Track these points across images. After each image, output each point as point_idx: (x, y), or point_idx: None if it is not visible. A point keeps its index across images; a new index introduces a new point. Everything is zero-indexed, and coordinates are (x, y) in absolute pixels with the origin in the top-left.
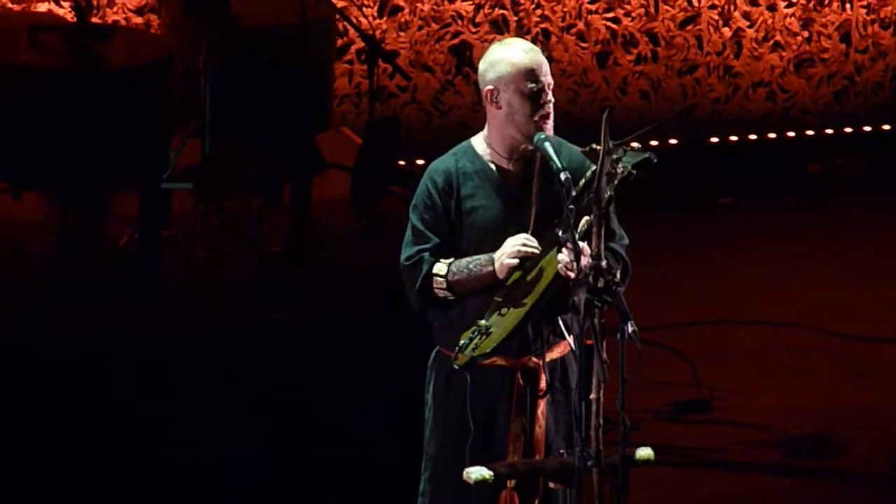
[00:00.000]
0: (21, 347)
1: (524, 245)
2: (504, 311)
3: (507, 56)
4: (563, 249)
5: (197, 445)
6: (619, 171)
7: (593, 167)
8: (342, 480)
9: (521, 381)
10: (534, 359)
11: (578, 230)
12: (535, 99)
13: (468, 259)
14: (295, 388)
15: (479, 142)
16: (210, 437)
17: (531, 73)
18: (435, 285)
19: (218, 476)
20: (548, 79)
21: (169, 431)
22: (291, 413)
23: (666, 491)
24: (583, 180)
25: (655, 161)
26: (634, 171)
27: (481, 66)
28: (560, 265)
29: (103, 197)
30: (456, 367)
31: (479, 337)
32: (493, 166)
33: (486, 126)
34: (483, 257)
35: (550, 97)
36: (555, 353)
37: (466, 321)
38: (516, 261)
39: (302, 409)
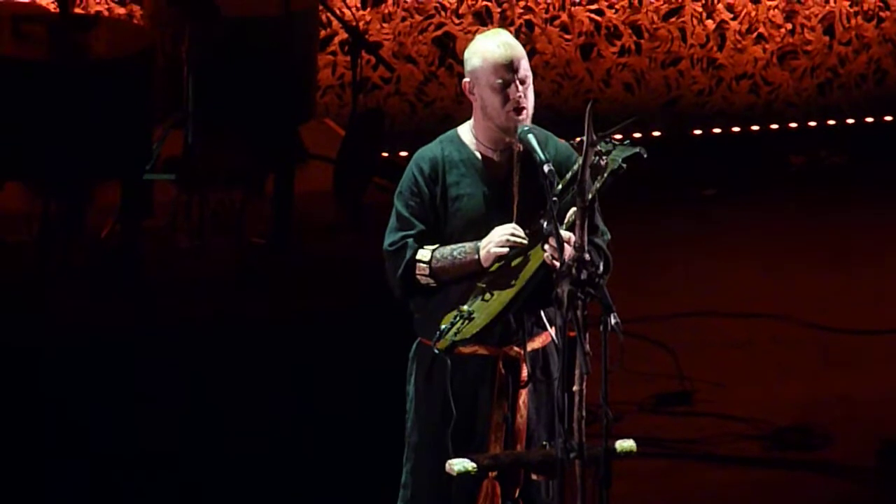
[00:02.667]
0: (2, 338)
1: (513, 235)
2: (487, 297)
3: (482, 49)
4: (549, 239)
5: (178, 436)
6: (605, 163)
7: (580, 160)
8: (325, 472)
9: (502, 371)
10: (515, 348)
11: (565, 221)
12: (503, 92)
13: (452, 246)
14: (277, 380)
15: (465, 131)
16: (191, 428)
17: (501, 68)
18: (418, 272)
19: (200, 467)
20: (521, 74)
21: (150, 422)
22: (273, 404)
23: (648, 483)
24: (569, 173)
25: (646, 156)
26: (624, 165)
27: (465, 56)
28: (546, 254)
29: (86, 188)
30: (436, 351)
31: (461, 322)
32: (478, 155)
33: (472, 116)
34: (468, 245)
35: (522, 92)
36: (536, 343)
37: (447, 310)
38: (505, 250)
39: (284, 401)
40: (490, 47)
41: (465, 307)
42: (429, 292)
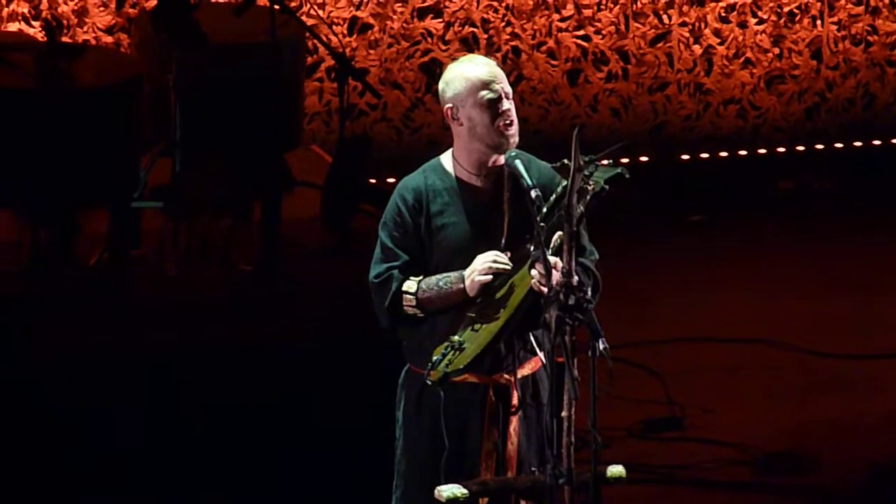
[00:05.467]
0: None
1: (495, 262)
2: (477, 326)
3: (461, 72)
4: (535, 265)
5: (165, 463)
6: (591, 186)
7: (564, 182)
8: (315, 499)
9: (493, 398)
10: (505, 375)
11: (550, 246)
12: (493, 107)
13: (438, 276)
14: (266, 407)
15: (447, 159)
16: (179, 455)
17: (485, 84)
18: (404, 303)
19: (185, 493)
20: (505, 88)
21: (137, 450)
22: (263, 431)
23: None
24: (553, 196)
25: (628, 176)
26: (607, 187)
27: (440, 86)
28: (533, 280)
29: (74, 216)
30: (429, 383)
31: (452, 353)
32: (462, 183)
33: (454, 144)
34: (453, 275)
35: (508, 105)
36: (526, 370)
37: (436, 339)
38: (489, 277)
39: (274, 427)
40: (470, 68)
41: (456, 338)
42: (416, 322)
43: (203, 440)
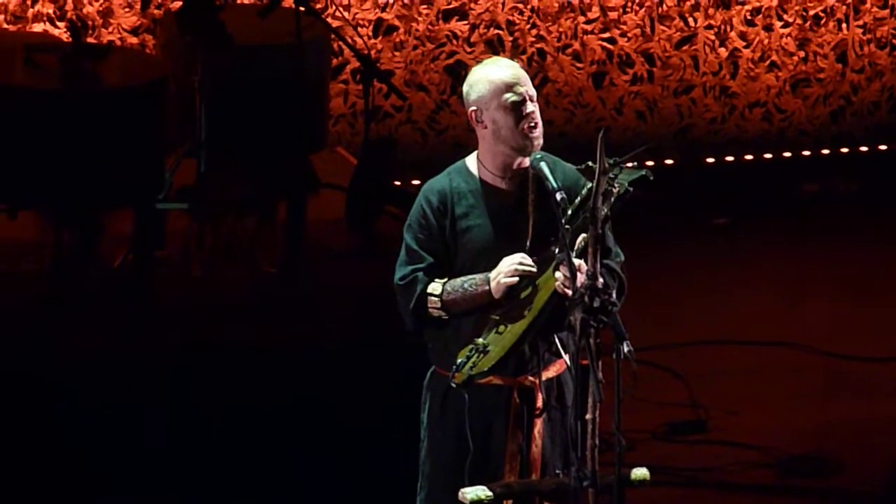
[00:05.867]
0: (16, 367)
1: (521, 264)
2: (501, 329)
3: (484, 75)
4: (560, 267)
5: (188, 463)
6: (616, 189)
7: (588, 184)
8: (339, 501)
9: (517, 400)
10: (530, 377)
11: (575, 248)
12: (516, 110)
13: (463, 278)
14: (290, 408)
15: (472, 161)
16: (202, 456)
17: (509, 86)
18: (429, 305)
19: (208, 494)
20: (529, 90)
21: (161, 449)
22: (287, 432)
23: None
24: (578, 198)
25: (652, 178)
26: (631, 189)
27: (464, 89)
28: (557, 282)
29: (98, 217)
30: (454, 385)
31: (476, 355)
32: (487, 185)
33: (478, 147)
34: (478, 277)
35: (533, 108)
36: (551, 372)
37: (460, 341)
38: (515, 279)
39: (298, 429)
40: (494, 70)
41: (480, 340)
42: (441, 324)
43: (226, 441)
